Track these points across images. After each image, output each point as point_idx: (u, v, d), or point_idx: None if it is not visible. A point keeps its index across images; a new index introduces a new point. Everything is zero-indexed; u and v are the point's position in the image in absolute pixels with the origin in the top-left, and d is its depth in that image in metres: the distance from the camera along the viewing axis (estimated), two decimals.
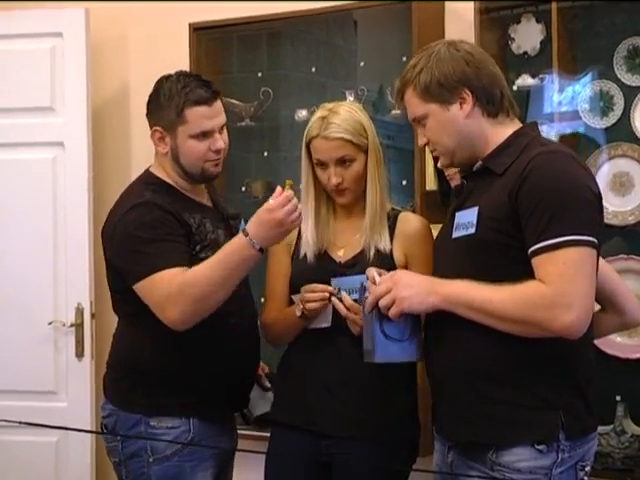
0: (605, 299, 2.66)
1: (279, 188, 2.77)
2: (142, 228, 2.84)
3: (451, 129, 2.53)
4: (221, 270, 2.77)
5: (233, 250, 2.77)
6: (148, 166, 3.08)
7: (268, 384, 3.16)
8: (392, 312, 2.49)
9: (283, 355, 3.08)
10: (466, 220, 2.51)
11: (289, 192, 2.75)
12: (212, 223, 2.99)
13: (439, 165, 2.90)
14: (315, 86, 4.46)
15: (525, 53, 3.88)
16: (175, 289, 2.76)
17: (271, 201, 2.76)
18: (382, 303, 2.49)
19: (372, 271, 2.60)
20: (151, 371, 2.93)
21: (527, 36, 3.87)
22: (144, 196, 2.91)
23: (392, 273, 2.57)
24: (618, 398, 3.62)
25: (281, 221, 2.74)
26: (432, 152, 2.63)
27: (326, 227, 3.00)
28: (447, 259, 2.58)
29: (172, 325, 2.79)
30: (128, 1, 4.67)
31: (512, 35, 3.89)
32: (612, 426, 3.58)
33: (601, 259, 2.55)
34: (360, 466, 2.88)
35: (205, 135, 2.94)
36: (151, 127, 3.00)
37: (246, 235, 2.74)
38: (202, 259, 2.87)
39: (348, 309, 2.82)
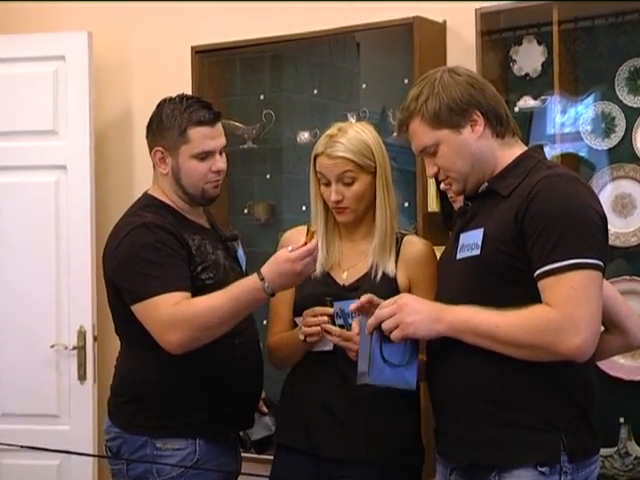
0: (608, 320, 2.65)
1: (304, 239, 2.78)
2: (145, 249, 2.85)
3: (465, 152, 2.53)
4: (230, 306, 2.78)
5: (246, 290, 2.79)
6: (147, 189, 3.08)
7: (265, 409, 3.15)
8: (395, 335, 2.47)
9: (286, 378, 3.08)
10: (471, 241, 2.51)
11: (312, 245, 2.76)
12: (211, 244, 3.00)
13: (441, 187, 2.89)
14: (317, 108, 4.46)
15: (527, 75, 3.90)
16: (180, 315, 2.77)
17: (290, 248, 2.76)
18: (385, 326, 2.48)
19: (366, 297, 2.61)
20: (157, 393, 2.92)
21: (529, 58, 3.88)
22: (145, 217, 2.91)
23: (397, 297, 2.55)
24: (622, 420, 3.61)
25: (300, 272, 2.76)
26: (443, 180, 2.60)
27: (333, 247, 3.00)
28: (452, 280, 2.58)
29: (169, 349, 2.80)
30: (132, 14, 4.70)
31: (514, 57, 3.91)
32: (616, 448, 3.57)
33: (604, 280, 2.54)
34: None
35: (206, 155, 2.95)
36: (151, 148, 3.01)
37: (261, 279, 2.76)
38: (203, 280, 2.89)
39: (340, 336, 2.82)
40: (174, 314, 2.77)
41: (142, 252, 2.85)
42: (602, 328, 2.64)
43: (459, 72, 2.57)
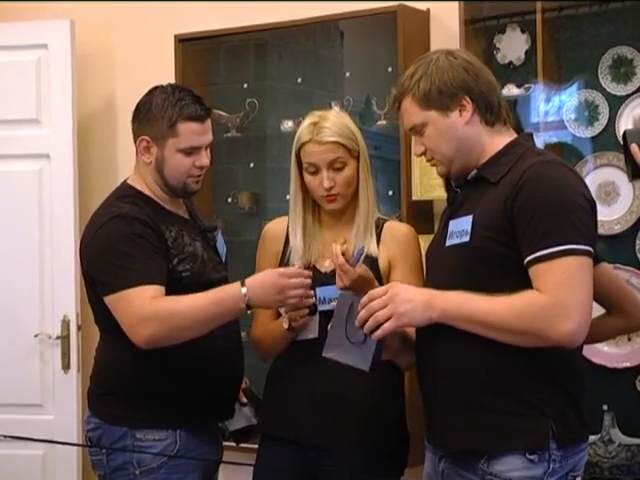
0: (610, 302, 2.67)
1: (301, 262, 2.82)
2: (120, 241, 2.83)
3: (450, 136, 2.53)
4: (206, 310, 2.78)
5: (226, 296, 2.79)
6: (126, 178, 3.07)
7: (245, 399, 3.14)
8: (388, 327, 2.44)
9: (270, 367, 3.07)
10: (460, 228, 2.51)
11: (307, 272, 2.78)
12: (189, 235, 2.98)
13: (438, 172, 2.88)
14: (301, 97, 4.46)
15: (510, 63, 3.90)
16: (156, 310, 2.76)
17: (282, 271, 2.79)
18: (378, 318, 2.45)
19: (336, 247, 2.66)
20: (136, 384, 2.91)
21: (512, 46, 3.89)
22: (122, 208, 2.89)
23: (387, 287, 2.53)
24: (605, 407, 3.62)
25: (283, 288, 2.76)
26: (430, 161, 2.62)
27: (314, 238, 2.99)
28: (441, 267, 2.58)
29: (138, 342, 2.78)
30: (115, 3, 4.68)
31: (497, 45, 3.91)
32: (599, 435, 3.58)
33: (606, 263, 2.62)
34: (346, 477, 2.86)
35: (193, 151, 2.93)
36: (137, 135, 2.98)
37: (243, 285, 2.76)
38: (180, 272, 2.88)
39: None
40: (150, 309, 2.76)
41: (117, 243, 2.83)
42: (603, 310, 2.68)
43: (456, 55, 2.57)
